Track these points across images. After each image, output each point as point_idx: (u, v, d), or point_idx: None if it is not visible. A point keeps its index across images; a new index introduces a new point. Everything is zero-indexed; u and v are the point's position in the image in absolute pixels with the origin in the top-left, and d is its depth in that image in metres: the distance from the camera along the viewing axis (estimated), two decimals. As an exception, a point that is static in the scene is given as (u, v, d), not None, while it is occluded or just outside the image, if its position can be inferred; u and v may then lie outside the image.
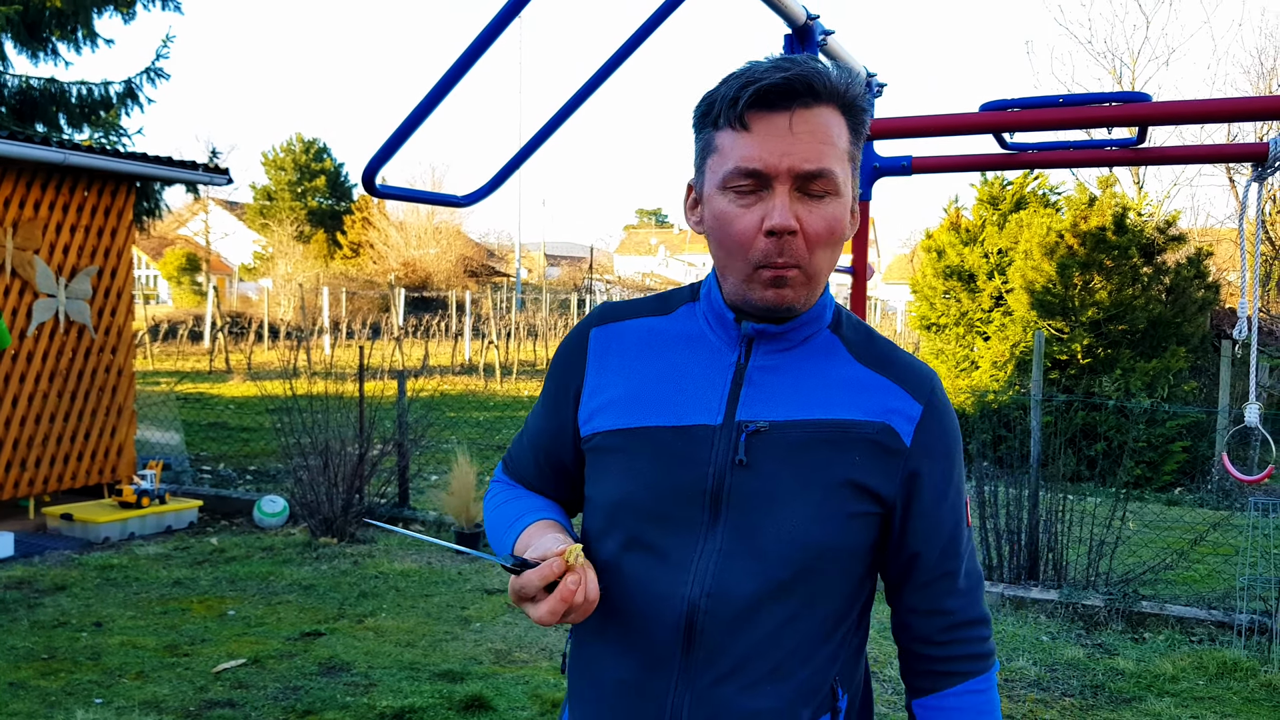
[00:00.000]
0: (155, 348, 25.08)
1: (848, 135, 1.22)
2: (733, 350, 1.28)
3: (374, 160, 1.97)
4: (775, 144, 1.18)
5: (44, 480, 7.64)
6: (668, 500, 1.24)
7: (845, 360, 1.29)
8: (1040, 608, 5.79)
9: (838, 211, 1.21)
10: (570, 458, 1.38)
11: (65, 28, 11.05)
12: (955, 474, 1.32)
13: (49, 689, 4.40)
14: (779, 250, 1.19)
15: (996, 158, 2.88)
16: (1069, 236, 10.49)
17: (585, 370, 1.34)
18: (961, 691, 1.32)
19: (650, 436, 1.26)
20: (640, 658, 1.26)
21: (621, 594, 1.27)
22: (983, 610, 1.36)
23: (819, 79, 1.18)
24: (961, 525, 1.33)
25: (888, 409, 1.26)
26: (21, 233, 7.39)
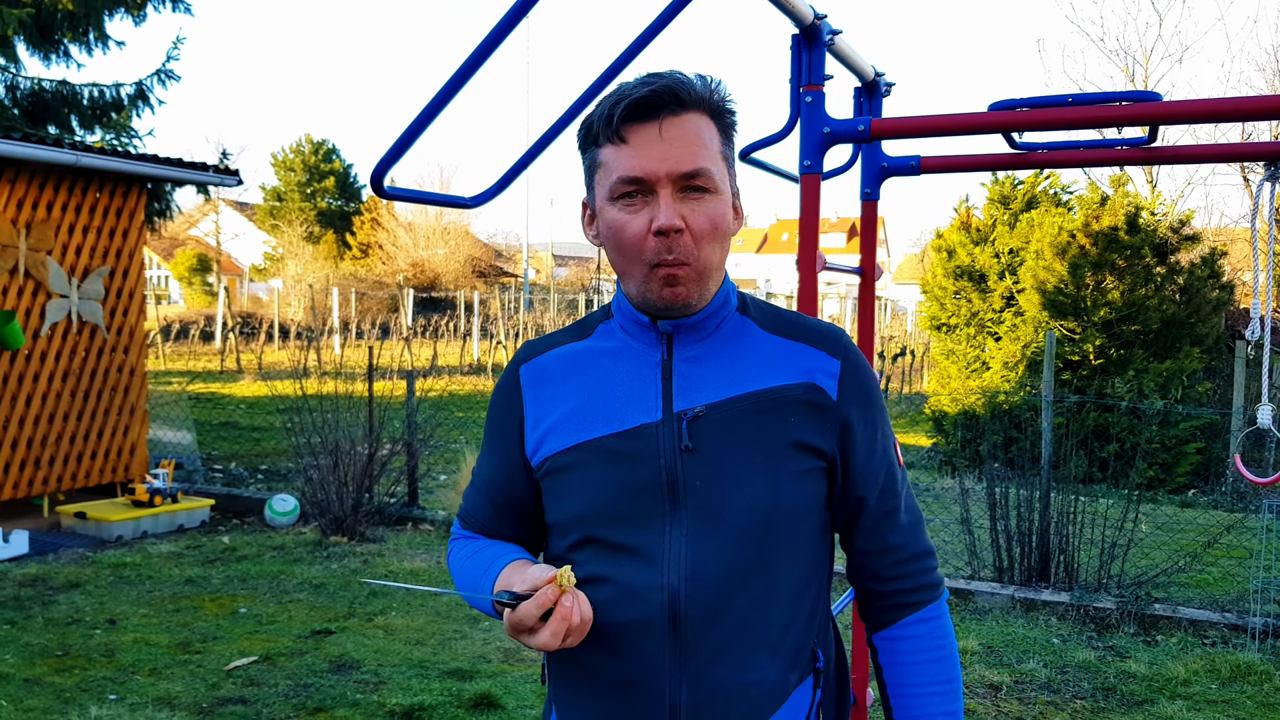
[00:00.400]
0: (167, 348, 25.18)
1: (718, 138, 1.32)
2: (655, 351, 1.36)
3: (382, 162, 1.98)
4: (651, 151, 1.27)
5: (58, 479, 7.68)
6: (628, 500, 1.31)
7: (759, 335, 1.38)
8: (1051, 610, 5.77)
9: (718, 207, 1.31)
10: (526, 493, 1.43)
11: (76, 29, 11.11)
12: (880, 418, 1.42)
13: (63, 685, 4.42)
14: (668, 248, 1.28)
15: (1006, 157, 2.87)
16: (1081, 236, 10.44)
17: (523, 405, 1.41)
18: (915, 620, 1.41)
19: (598, 446, 1.33)
20: (632, 655, 1.30)
21: (604, 599, 1.30)
22: (926, 543, 1.44)
23: (683, 88, 1.28)
24: (894, 466, 1.43)
25: (810, 369, 1.36)
26: (35, 234, 7.44)
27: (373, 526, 7.51)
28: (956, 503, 6.83)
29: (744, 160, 2.78)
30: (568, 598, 1.20)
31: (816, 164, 2.44)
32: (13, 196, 7.30)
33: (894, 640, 1.41)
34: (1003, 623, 5.60)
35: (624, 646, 1.30)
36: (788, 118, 2.50)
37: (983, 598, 5.95)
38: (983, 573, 6.23)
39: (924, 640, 1.40)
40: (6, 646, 4.90)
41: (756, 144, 2.68)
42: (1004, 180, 11.97)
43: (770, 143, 2.62)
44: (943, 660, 1.41)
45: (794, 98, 2.45)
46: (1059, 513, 6.10)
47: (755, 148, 2.69)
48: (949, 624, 1.44)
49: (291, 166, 49.35)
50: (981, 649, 5.16)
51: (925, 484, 9.85)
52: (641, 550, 1.30)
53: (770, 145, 2.64)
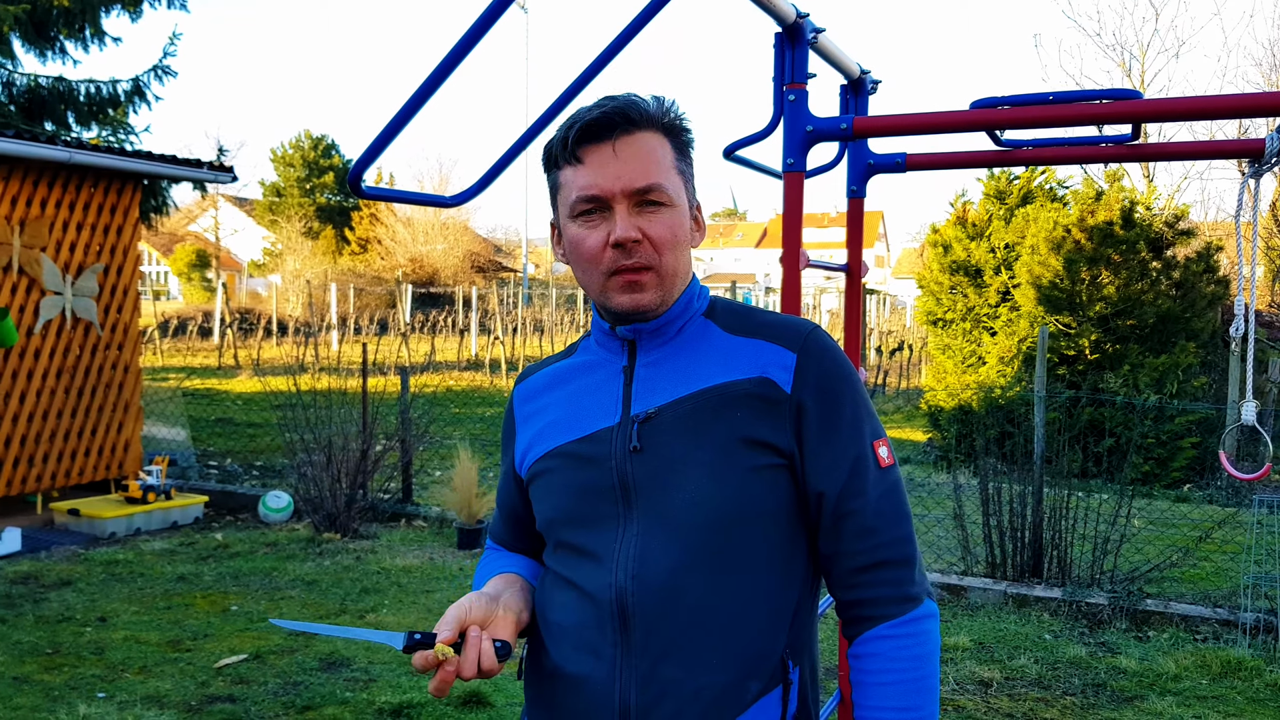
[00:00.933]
0: (165, 344, 25.17)
1: (672, 154, 1.36)
2: (620, 358, 1.41)
3: (359, 162, 1.97)
4: (606, 170, 1.32)
5: (51, 476, 7.68)
6: (585, 503, 1.35)
7: (718, 336, 1.40)
8: (1044, 606, 5.77)
9: (675, 218, 1.35)
10: (521, 505, 1.51)
11: (73, 26, 11.10)
12: (846, 412, 1.35)
13: (52, 683, 4.42)
14: (627, 255, 1.32)
15: (991, 155, 2.86)
16: (1076, 231, 10.43)
17: (515, 425, 1.50)
18: (878, 636, 1.32)
19: (564, 453, 1.39)
20: (585, 654, 1.33)
21: (563, 599, 1.36)
22: (903, 551, 1.34)
23: (634, 109, 1.33)
24: (865, 463, 1.34)
25: (763, 364, 1.35)
26: (29, 231, 7.43)
27: (366, 523, 7.52)
28: (950, 498, 6.83)
29: (729, 158, 2.78)
30: (449, 665, 1.26)
31: (800, 162, 2.43)
32: (6, 193, 7.29)
33: (858, 657, 1.34)
34: (995, 619, 5.61)
35: (580, 646, 1.33)
36: (771, 116, 2.50)
37: (975, 594, 5.95)
38: (975, 568, 6.23)
39: (885, 660, 1.31)
40: (-3, 644, 4.91)
41: (740, 142, 2.67)
42: (1000, 175, 11.96)
43: (754, 140, 2.62)
44: (905, 683, 1.30)
45: (777, 96, 2.44)
46: (1052, 508, 6.10)
47: (739, 145, 2.68)
48: (925, 641, 1.33)
49: (291, 162, 49.30)
50: (973, 645, 5.16)
51: (920, 479, 9.85)
52: (595, 552, 1.34)
53: (754, 143, 2.63)
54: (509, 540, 1.56)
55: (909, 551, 1.35)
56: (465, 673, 1.27)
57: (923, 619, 1.33)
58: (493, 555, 1.57)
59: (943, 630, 5.38)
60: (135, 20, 11.58)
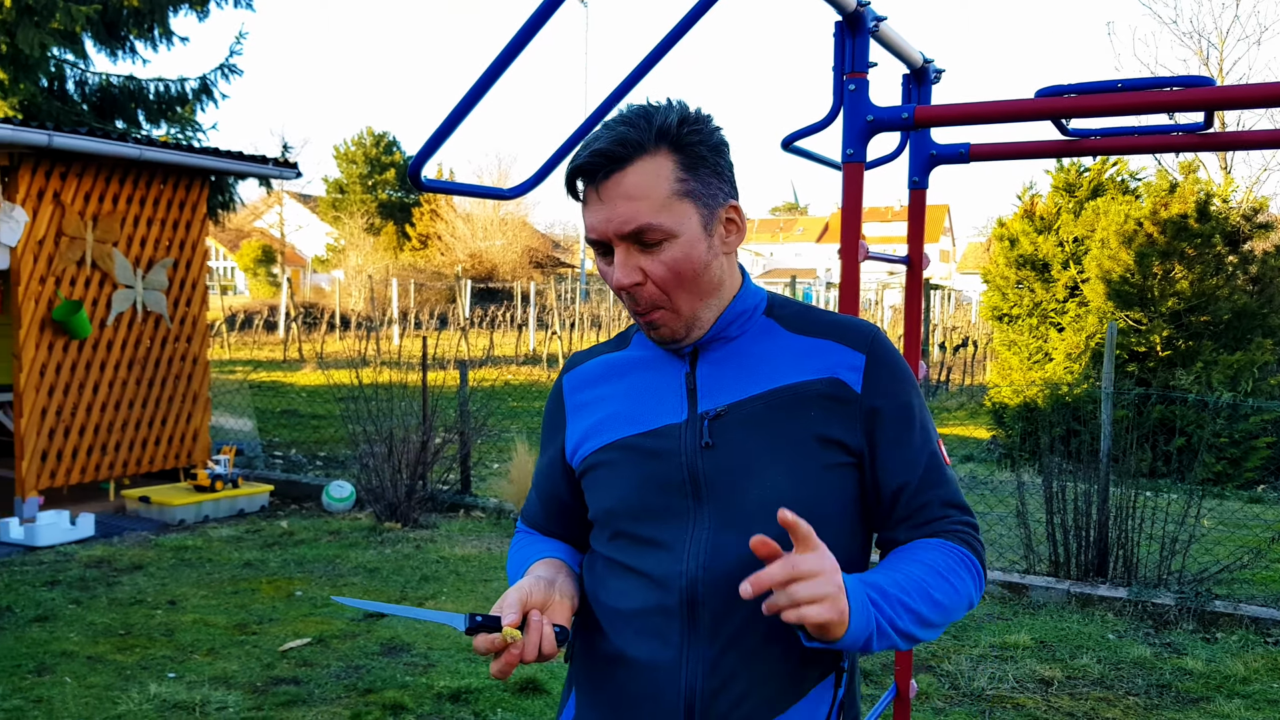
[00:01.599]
0: (232, 337, 25.74)
1: (675, 175, 1.30)
2: (681, 363, 1.41)
3: (419, 155, 2.00)
4: (597, 214, 1.31)
5: (123, 464, 7.91)
6: (653, 496, 1.35)
7: (783, 335, 1.40)
8: (1108, 605, 5.66)
9: (677, 253, 1.31)
10: (567, 493, 1.51)
11: (142, 26, 11.38)
12: (915, 412, 1.38)
13: (125, 663, 4.56)
14: (634, 300, 1.33)
15: (1057, 144, 2.81)
16: (1148, 224, 10.18)
17: (565, 412, 1.49)
18: (922, 544, 1.33)
19: (627, 446, 1.39)
20: (650, 640, 1.34)
21: (624, 586, 1.37)
22: (971, 519, 1.37)
23: (622, 143, 1.28)
24: (936, 459, 1.38)
25: (832, 364, 1.36)
26: (101, 226, 7.65)
27: (426, 513, 7.62)
28: (1013, 496, 6.72)
29: (787, 149, 2.76)
30: (514, 648, 1.27)
31: (860, 152, 2.41)
32: (80, 190, 7.51)
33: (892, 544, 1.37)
34: (1057, 618, 5.51)
35: (644, 632, 1.34)
36: (831, 106, 2.48)
37: (1037, 592, 5.86)
38: (1038, 567, 6.13)
39: (920, 549, 1.32)
40: (72, 625, 5.07)
41: (799, 133, 2.65)
42: (1069, 167, 11.71)
43: (813, 131, 2.60)
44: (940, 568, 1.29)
45: (837, 85, 2.42)
46: (1118, 507, 5.97)
47: (798, 136, 2.66)
48: (961, 571, 1.31)
49: (353, 159, 50.07)
50: (1034, 644, 5.08)
51: (983, 477, 9.71)
52: (665, 542, 1.34)
53: (813, 134, 2.61)
54: (546, 525, 1.56)
55: (974, 520, 1.39)
56: (528, 656, 1.28)
57: (966, 552, 1.33)
58: (529, 539, 1.57)
59: (1003, 628, 5.30)
60: (202, 20, 11.84)
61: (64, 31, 10.25)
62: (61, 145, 6.96)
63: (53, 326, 7.34)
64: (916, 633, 1.27)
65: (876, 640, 1.20)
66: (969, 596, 1.33)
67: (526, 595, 1.31)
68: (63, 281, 7.42)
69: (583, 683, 1.45)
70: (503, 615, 1.28)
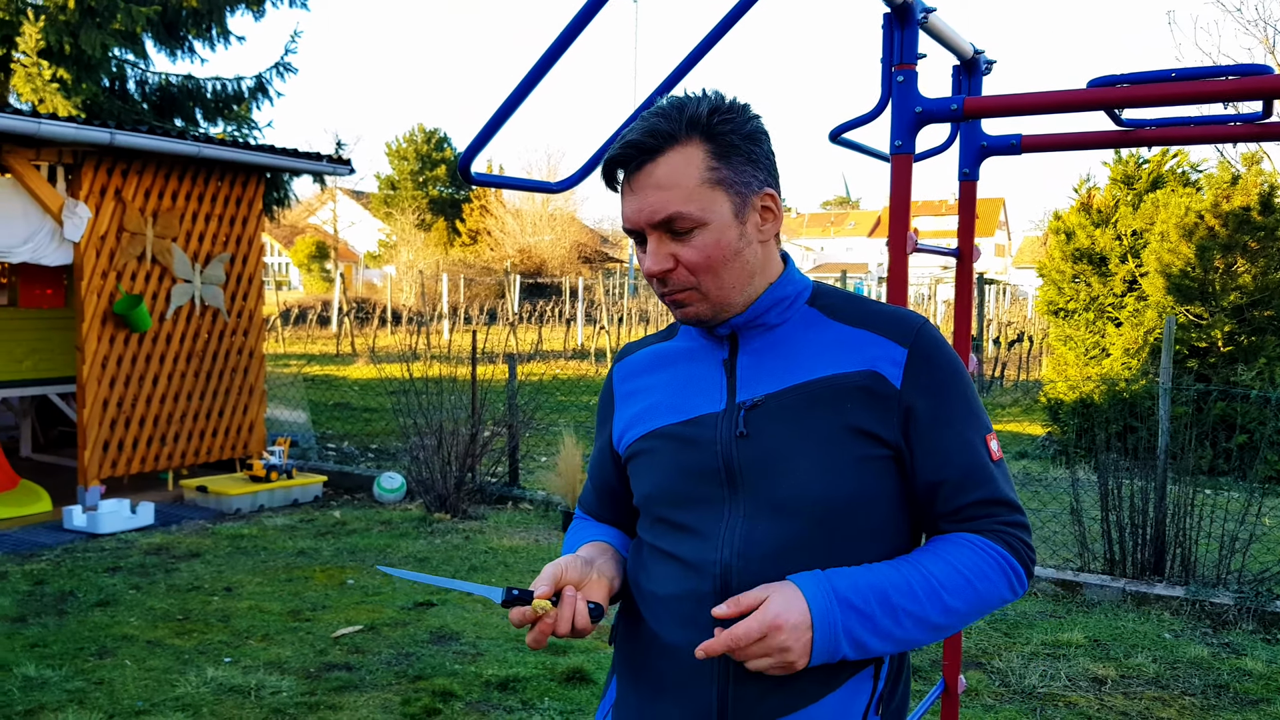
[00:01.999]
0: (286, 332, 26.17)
1: (705, 163, 1.31)
2: (720, 350, 1.42)
3: (468, 149, 2.04)
4: (630, 204, 1.34)
5: (182, 454, 8.09)
6: (689, 483, 1.38)
7: (826, 325, 1.40)
8: (1164, 604, 5.55)
9: (708, 239, 1.32)
10: (616, 479, 1.55)
11: (201, 25, 11.60)
12: (957, 407, 1.36)
13: (183, 648, 4.68)
14: (663, 284, 1.36)
15: (1111, 135, 2.76)
16: (1210, 217, 9.95)
17: (614, 401, 1.54)
18: (954, 539, 1.34)
19: (667, 434, 1.41)
20: (684, 625, 1.35)
21: (662, 571, 1.39)
22: (1017, 511, 1.36)
23: (653, 134, 1.30)
24: (980, 455, 1.35)
25: (873, 357, 1.35)
26: (161, 222, 7.83)
27: (474, 505, 7.70)
28: (1068, 494, 6.63)
29: (834, 141, 2.75)
30: (547, 619, 1.31)
31: (908, 144, 2.39)
32: (140, 186, 7.69)
33: (932, 539, 1.37)
34: (1112, 616, 5.43)
35: (679, 617, 1.36)
36: (879, 97, 2.46)
37: (1092, 590, 5.77)
38: (1092, 565, 6.04)
39: (951, 543, 1.33)
40: (132, 610, 5.21)
41: (847, 124, 2.64)
42: (1127, 159, 11.49)
43: (861, 123, 2.59)
44: (964, 568, 1.30)
45: (885, 77, 2.41)
46: (1176, 504, 5.86)
47: (846, 128, 2.65)
48: (992, 570, 1.31)
49: (405, 155, 50.59)
50: (1087, 642, 5.01)
51: (1037, 474, 9.58)
52: (699, 529, 1.36)
53: (861, 125, 2.60)
54: (598, 511, 1.60)
55: (1023, 519, 1.36)
56: (560, 629, 1.31)
57: (1003, 553, 1.32)
58: (582, 524, 1.61)
59: (1056, 626, 5.23)
60: (259, 19, 12.04)
61: (125, 32, 10.49)
62: (123, 143, 7.14)
63: (114, 320, 7.53)
64: (920, 635, 1.28)
65: (854, 653, 1.25)
66: (998, 597, 1.32)
67: (562, 571, 1.35)
68: (124, 276, 7.61)
69: (623, 667, 1.47)
70: (535, 590, 1.32)
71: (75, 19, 10.08)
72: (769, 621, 1.21)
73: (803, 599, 1.23)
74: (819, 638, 1.22)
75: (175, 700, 4.09)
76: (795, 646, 1.21)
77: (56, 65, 10.00)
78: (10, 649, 4.61)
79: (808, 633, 1.22)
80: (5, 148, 6.84)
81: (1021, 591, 1.35)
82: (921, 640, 1.29)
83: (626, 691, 1.46)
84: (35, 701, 4.05)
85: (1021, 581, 1.34)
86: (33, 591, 5.49)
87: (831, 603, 1.24)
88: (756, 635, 1.21)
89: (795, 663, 1.22)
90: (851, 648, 1.25)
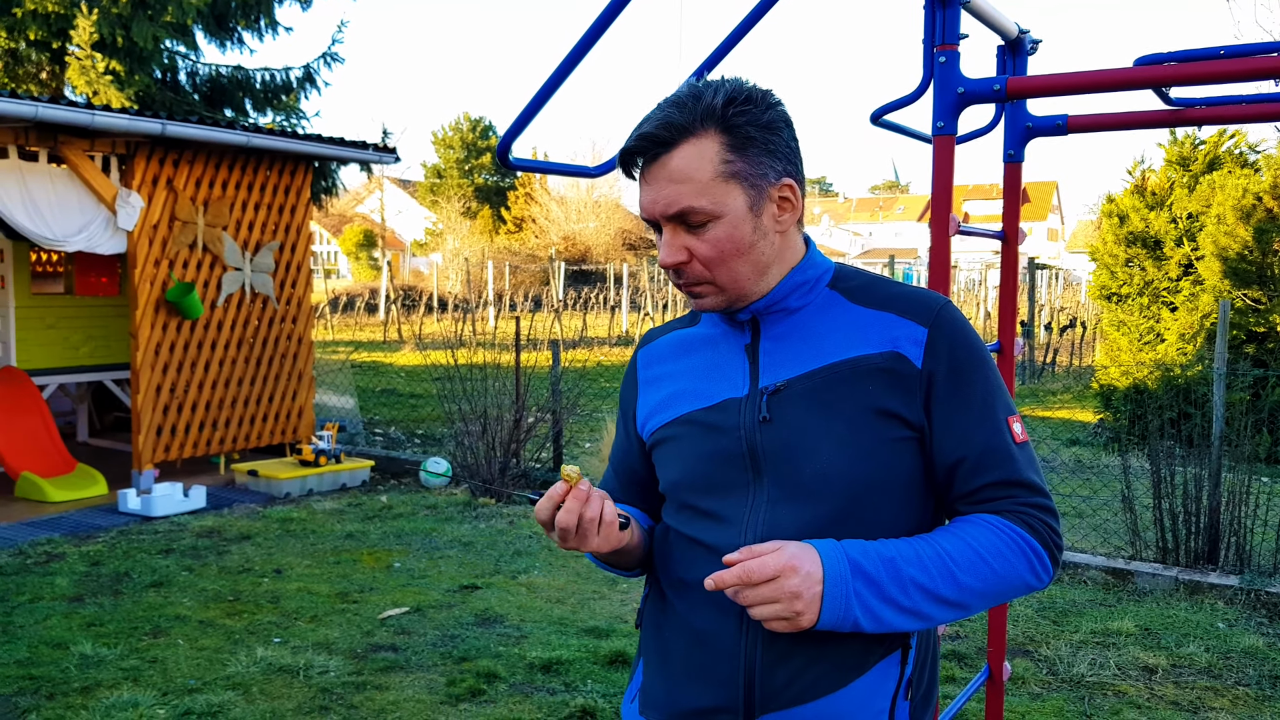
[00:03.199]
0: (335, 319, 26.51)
1: (721, 156, 1.30)
2: (743, 335, 1.42)
3: (507, 135, 2.05)
4: (646, 195, 1.34)
5: (233, 439, 8.25)
6: (714, 469, 1.38)
7: (846, 308, 1.39)
8: (1218, 594, 5.45)
9: (721, 232, 1.32)
10: (640, 465, 1.55)
11: (249, 16, 11.75)
12: (977, 386, 1.34)
13: (234, 628, 4.78)
14: (678, 276, 1.36)
15: (1161, 114, 2.70)
16: (1269, 199, 9.70)
17: (638, 387, 1.53)
18: (973, 519, 1.32)
19: (692, 420, 1.41)
20: (712, 610, 1.35)
21: (689, 556, 1.39)
22: (1041, 494, 1.34)
23: (668, 126, 1.30)
24: (1001, 435, 1.34)
25: (894, 338, 1.34)
26: (211, 210, 7.96)
27: (519, 489, 7.76)
28: (1120, 481, 6.51)
29: (876, 123, 2.73)
30: (578, 490, 1.29)
31: (950, 125, 2.37)
32: (191, 175, 7.82)
33: (954, 520, 1.36)
34: (1163, 605, 5.34)
35: (706, 602, 1.36)
36: (921, 78, 2.44)
37: (1143, 579, 5.67)
38: (1145, 553, 5.94)
39: (973, 524, 1.31)
40: (185, 591, 5.33)
41: (888, 106, 2.62)
42: (1183, 140, 11.23)
43: (902, 104, 2.56)
44: (981, 547, 1.29)
45: (927, 58, 2.38)
46: (1231, 492, 5.74)
47: (887, 110, 2.63)
48: (1013, 553, 1.29)
49: (451, 144, 50.93)
50: (1138, 630, 4.93)
51: (1089, 461, 9.44)
52: (724, 515, 1.36)
53: (903, 107, 2.58)
54: (620, 496, 1.58)
55: (1048, 502, 1.34)
56: (590, 510, 1.29)
57: (1027, 536, 1.30)
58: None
59: (1106, 615, 5.16)
60: (306, 10, 12.17)
61: (176, 24, 10.66)
62: (174, 133, 7.26)
63: (166, 307, 7.68)
64: (931, 610, 1.26)
65: (866, 622, 1.23)
66: (1020, 579, 1.30)
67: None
68: (175, 264, 7.75)
69: (649, 651, 1.48)
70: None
71: (127, 12, 10.26)
72: (784, 563, 1.21)
73: (817, 555, 1.24)
74: (829, 594, 1.21)
75: (226, 679, 4.18)
76: (805, 595, 1.20)
77: (109, 58, 10.19)
78: (68, 628, 4.74)
79: (818, 585, 1.21)
80: (60, 139, 7.00)
81: (1047, 577, 1.33)
82: (934, 615, 1.27)
83: (653, 675, 1.46)
84: (91, 679, 4.16)
85: (1044, 565, 1.32)
86: (89, 572, 5.63)
87: (843, 565, 1.24)
88: (771, 573, 1.20)
89: (802, 614, 1.20)
90: (863, 614, 1.23)
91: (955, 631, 4.91)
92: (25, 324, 8.49)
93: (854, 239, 68.14)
